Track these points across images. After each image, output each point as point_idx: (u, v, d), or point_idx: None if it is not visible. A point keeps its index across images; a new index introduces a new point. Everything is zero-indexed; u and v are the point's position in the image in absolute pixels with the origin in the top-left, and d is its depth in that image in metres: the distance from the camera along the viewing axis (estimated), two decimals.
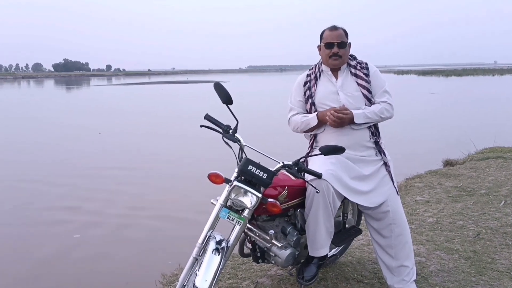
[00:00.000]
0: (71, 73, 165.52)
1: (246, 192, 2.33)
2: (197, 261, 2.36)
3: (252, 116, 14.19)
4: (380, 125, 2.88)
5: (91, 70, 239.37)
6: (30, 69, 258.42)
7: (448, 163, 7.36)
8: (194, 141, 10.92)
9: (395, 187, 2.77)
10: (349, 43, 2.80)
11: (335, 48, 2.72)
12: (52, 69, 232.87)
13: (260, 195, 2.32)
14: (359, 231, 3.15)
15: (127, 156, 9.82)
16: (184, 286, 2.39)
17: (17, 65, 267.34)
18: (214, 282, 2.24)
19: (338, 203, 2.62)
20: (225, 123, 2.50)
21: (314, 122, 2.75)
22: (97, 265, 4.40)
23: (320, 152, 2.40)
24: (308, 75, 2.90)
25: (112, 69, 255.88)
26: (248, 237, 2.69)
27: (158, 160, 9.48)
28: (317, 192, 2.47)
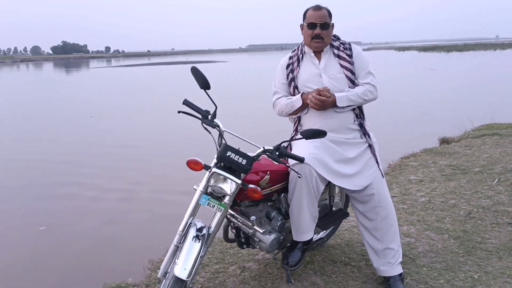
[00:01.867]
0: (69, 55, 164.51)
1: (225, 178, 2.30)
2: (178, 248, 2.35)
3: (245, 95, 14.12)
4: (376, 103, 2.83)
5: (90, 52, 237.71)
6: (28, 52, 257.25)
7: (444, 141, 7.31)
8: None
9: (380, 170, 2.74)
10: (332, 23, 2.72)
11: (318, 29, 2.65)
12: (50, 52, 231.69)
13: (239, 182, 2.29)
14: (346, 214, 3.13)
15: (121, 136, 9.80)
16: (166, 273, 2.38)
17: (15, 48, 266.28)
18: (194, 269, 2.23)
19: (322, 187, 2.59)
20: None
21: (299, 103, 2.70)
22: (80, 251, 4.39)
23: (301, 136, 2.36)
24: (290, 57, 2.84)
25: (111, 50, 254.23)
26: (232, 223, 2.67)
27: (148, 139, 9.49)
28: (299, 176, 2.44)
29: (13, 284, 3.79)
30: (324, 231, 3.20)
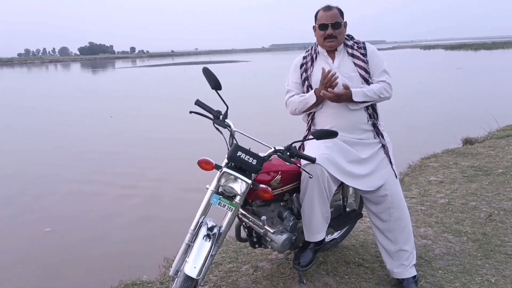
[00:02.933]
0: (96, 56, 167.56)
1: (236, 178, 2.32)
2: (190, 247, 2.38)
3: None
4: (398, 104, 2.79)
5: (116, 52, 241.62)
6: (57, 53, 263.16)
7: (467, 142, 7.14)
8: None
9: (393, 170, 2.70)
10: (345, 22, 2.71)
11: (329, 30, 2.64)
12: (78, 53, 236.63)
13: (250, 182, 2.30)
14: (360, 215, 3.10)
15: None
16: (178, 272, 2.41)
17: (44, 49, 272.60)
18: (204, 268, 2.25)
19: (334, 188, 2.58)
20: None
21: (313, 99, 2.68)
22: (99, 248, 4.48)
23: (312, 137, 2.35)
24: (304, 57, 2.83)
25: (136, 51, 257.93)
26: (244, 223, 2.68)
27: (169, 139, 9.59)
28: (310, 177, 2.43)
29: (31, 279, 3.89)
30: (338, 232, 3.18)
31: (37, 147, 9.52)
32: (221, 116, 2.45)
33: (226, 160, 2.37)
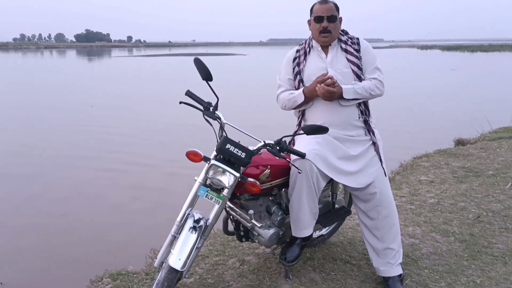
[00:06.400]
0: (92, 43, 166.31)
1: (224, 171, 2.30)
2: (175, 239, 2.36)
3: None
4: (391, 102, 2.78)
5: (112, 41, 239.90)
6: (53, 39, 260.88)
7: (459, 143, 7.17)
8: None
9: (383, 168, 2.69)
10: (340, 17, 2.68)
11: (325, 22, 2.61)
12: (74, 40, 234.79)
13: (238, 175, 2.28)
14: (348, 212, 3.09)
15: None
16: (163, 263, 2.39)
17: (40, 35, 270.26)
18: (189, 260, 2.24)
19: (323, 184, 2.57)
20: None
21: (301, 99, 2.66)
22: (85, 237, 4.44)
23: (303, 132, 2.34)
24: (297, 51, 2.81)
25: (133, 40, 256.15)
26: (231, 216, 2.66)
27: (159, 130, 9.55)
28: (299, 172, 2.42)
29: (10, 273, 3.81)
30: (326, 228, 3.16)
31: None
32: (211, 108, 2.42)
33: (214, 153, 2.35)
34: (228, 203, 2.54)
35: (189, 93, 2.45)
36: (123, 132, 9.39)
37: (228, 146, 2.28)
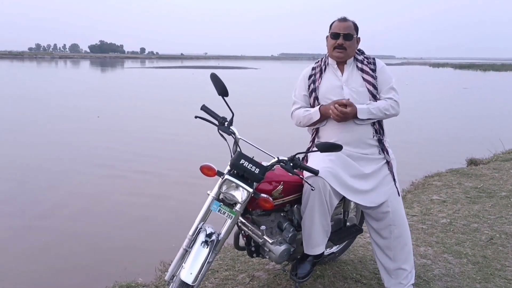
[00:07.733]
0: (106, 54, 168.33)
1: (237, 186, 2.30)
2: (187, 252, 2.36)
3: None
4: (404, 121, 2.78)
5: (126, 52, 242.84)
6: (67, 49, 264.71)
7: (471, 162, 7.10)
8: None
9: (396, 187, 2.68)
10: (358, 37, 2.70)
11: (340, 39, 2.63)
12: (88, 50, 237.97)
13: (251, 190, 2.28)
14: (360, 230, 3.07)
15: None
16: (174, 277, 2.39)
17: (55, 45, 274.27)
18: (200, 275, 2.23)
19: (336, 201, 2.56)
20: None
21: (317, 116, 2.68)
22: (95, 248, 4.45)
23: (317, 149, 2.34)
24: (313, 68, 2.82)
25: (146, 52, 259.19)
26: (243, 231, 2.66)
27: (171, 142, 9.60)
28: (312, 189, 2.41)
29: (23, 282, 3.83)
30: (337, 246, 3.15)
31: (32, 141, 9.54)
32: (226, 123, 2.43)
33: (228, 167, 2.36)
34: (240, 218, 2.54)
35: (204, 108, 2.47)
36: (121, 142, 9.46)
37: (242, 161, 2.28)
